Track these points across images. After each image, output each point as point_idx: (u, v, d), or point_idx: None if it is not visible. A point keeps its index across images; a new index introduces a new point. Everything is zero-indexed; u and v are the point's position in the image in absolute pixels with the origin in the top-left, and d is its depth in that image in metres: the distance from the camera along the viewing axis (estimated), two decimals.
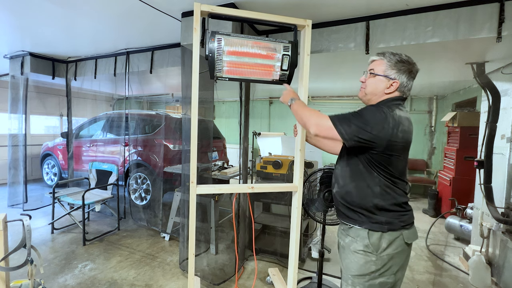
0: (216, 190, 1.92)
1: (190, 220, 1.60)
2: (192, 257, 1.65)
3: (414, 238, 1.21)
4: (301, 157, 1.75)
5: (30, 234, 1.60)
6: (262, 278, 2.46)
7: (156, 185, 3.86)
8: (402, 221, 1.18)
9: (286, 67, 1.60)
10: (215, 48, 1.50)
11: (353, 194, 1.23)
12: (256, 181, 2.95)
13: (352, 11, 2.20)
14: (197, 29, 1.51)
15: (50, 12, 2.47)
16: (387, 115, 1.11)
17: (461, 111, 4.32)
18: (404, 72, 1.19)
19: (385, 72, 1.21)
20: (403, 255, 1.19)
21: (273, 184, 1.90)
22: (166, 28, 2.72)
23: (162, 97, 7.14)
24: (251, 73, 1.62)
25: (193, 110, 1.56)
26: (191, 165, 1.57)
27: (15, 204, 4.22)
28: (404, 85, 1.20)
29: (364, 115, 1.13)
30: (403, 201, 1.20)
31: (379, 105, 1.20)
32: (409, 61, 1.20)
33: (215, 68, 1.55)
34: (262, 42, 1.57)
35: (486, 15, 1.89)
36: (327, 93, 6.37)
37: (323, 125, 1.16)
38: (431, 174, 5.85)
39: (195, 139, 1.56)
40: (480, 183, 2.54)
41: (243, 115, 2.47)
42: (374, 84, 1.24)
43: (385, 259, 1.16)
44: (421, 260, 2.90)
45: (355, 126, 1.11)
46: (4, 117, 5.09)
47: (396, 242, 1.16)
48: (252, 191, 1.73)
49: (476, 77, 2.72)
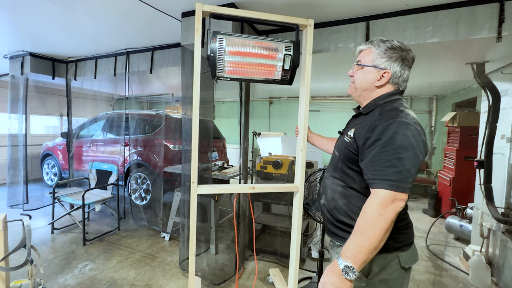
0: (217, 190, 1.92)
1: (191, 220, 1.60)
2: (192, 257, 1.65)
3: (413, 261, 1.03)
4: (302, 158, 1.74)
5: (30, 234, 1.60)
6: (262, 278, 2.46)
7: (156, 185, 3.86)
8: (398, 241, 0.99)
9: (288, 67, 1.60)
10: (217, 48, 1.50)
11: (341, 211, 1.07)
12: (256, 181, 2.95)
13: (352, 11, 2.20)
14: (199, 29, 1.50)
15: (50, 12, 2.47)
16: (414, 126, 0.93)
17: (461, 111, 4.32)
18: (396, 60, 1.02)
19: (373, 61, 1.04)
20: (401, 280, 1.01)
21: (274, 184, 1.90)
22: (166, 28, 2.72)
23: (162, 97, 7.15)
24: (253, 73, 1.61)
25: (194, 110, 1.56)
26: (192, 165, 1.57)
27: (14, 205, 4.21)
28: (398, 75, 1.03)
29: (398, 141, 0.89)
30: (402, 218, 1.02)
31: (384, 110, 0.99)
32: (402, 47, 1.03)
33: (217, 68, 1.55)
34: (263, 42, 1.56)
35: (486, 15, 1.89)
36: (327, 93, 6.37)
37: (389, 212, 0.85)
38: (431, 174, 5.85)
39: (196, 139, 1.56)
40: (480, 183, 2.53)
41: (243, 115, 2.47)
42: (362, 76, 1.08)
43: (377, 285, 0.98)
44: (421, 260, 2.90)
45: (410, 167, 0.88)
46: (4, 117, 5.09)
47: (391, 266, 0.98)
48: (253, 191, 1.73)
49: (476, 77, 2.72)
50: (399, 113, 0.95)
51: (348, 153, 1.05)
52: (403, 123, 0.91)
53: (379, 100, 1.05)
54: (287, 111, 7.10)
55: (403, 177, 0.87)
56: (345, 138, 1.09)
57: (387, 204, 0.85)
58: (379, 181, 0.89)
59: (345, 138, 1.10)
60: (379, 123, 0.94)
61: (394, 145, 0.88)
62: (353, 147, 1.02)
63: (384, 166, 0.88)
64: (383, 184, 0.87)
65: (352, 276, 0.84)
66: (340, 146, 1.12)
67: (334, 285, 0.85)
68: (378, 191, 0.88)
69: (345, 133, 1.14)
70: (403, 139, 0.89)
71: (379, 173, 0.89)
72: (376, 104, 1.05)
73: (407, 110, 0.97)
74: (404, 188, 0.87)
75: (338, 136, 1.26)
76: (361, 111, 1.11)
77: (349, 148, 1.04)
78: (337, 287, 0.85)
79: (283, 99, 7.11)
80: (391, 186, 0.86)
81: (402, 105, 1.01)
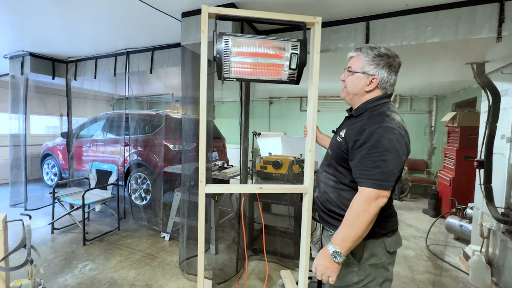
0: (224, 190, 1.91)
1: (199, 219, 1.60)
2: (201, 255, 1.65)
3: (397, 246, 1.14)
4: (311, 158, 1.69)
5: (30, 234, 1.60)
6: (262, 278, 2.46)
7: (157, 185, 3.86)
8: (384, 228, 1.11)
9: (295, 66, 1.57)
10: (223, 49, 1.49)
11: (333, 203, 1.18)
12: (256, 181, 2.95)
13: (352, 11, 2.20)
14: (205, 31, 1.50)
15: (50, 12, 2.47)
16: (398, 130, 1.01)
17: (461, 111, 4.32)
18: (383, 66, 1.11)
19: (362, 68, 1.13)
20: (387, 265, 1.12)
21: (282, 185, 1.85)
22: (166, 28, 2.72)
23: (162, 97, 7.16)
24: (259, 73, 1.60)
25: (201, 112, 1.56)
26: (200, 164, 1.58)
27: (16, 204, 4.23)
28: (385, 80, 1.12)
29: (383, 144, 0.99)
30: (387, 209, 1.12)
31: (373, 115, 1.08)
32: (389, 54, 1.11)
33: (223, 69, 1.54)
34: (269, 42, 1.55)
35: (486, 15, 1.89)
36: (327, 93, 6.37)
37: (373, 208, 0.98)
38: (431, 174, 5.85)
39: (204, 139, 1.57)
40: (480, 183, 2.54)
41: (243, 115, 2.47)
42: (353, 82, 1.17)
43: (368, 269, 1.10)
44: (421, 260, 2.90)
45: (392, 168, 0.99)
46: (5, 117, 5.09)
47: (379, 251, 1.10)
48: (261, 192, 1.71)
49: (476, 77, 2.72)
50: (386, 117, 1.04)
51: (339, 152, 1.15)
52: (388, 127, 1.01)
53: (369, 104, 1.14)
54: (287, 111, 7.10)
55: (386, 177, 0.99)
56: (337, 138, 1.19)
57: (371, 201, 0.98)
58: (365, 180, 1.01)
59: (337, 138, 1.20)
60: (367, 127, 1.04)
61: (380, 148, 0.99)
62: (344, 147, 1.13)
63: (370, 167, 1.00)
64: (368, 183, 1.00)
65: (339, 259, 1.00)
66: (333, 146, 1.23)
67: (325, 265, 1.02)
68: (364, 189, 1.01)
69: (337, 133, 1.24)
70: (388, 143, 0.99)
71: (365, 173, 1.01)
72: (366, 107, 1.14)
73: (393, 115, 1.06)
74: (387, 186, 0.99)
75: (333, 136, 1.34)
76: (352, 113, 1.21)
77: (341, 148, 1.14)
78: (327, 267, 1.02)
79: (283, 99, 7.12)
80: (375, 185, 0.99)
81: (389, 109, 1.10)
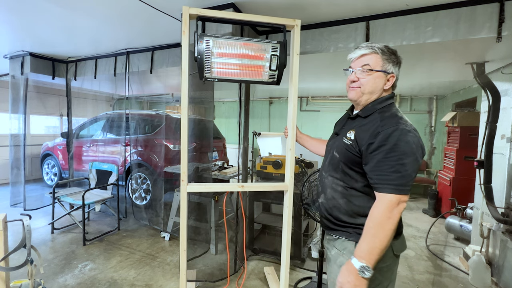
0: (206, 188, 1.92)
1: (182, 218, 1.66)
2: (183, 253, 1.69)
3: (403, 249, 1.09)
4: (291, 157, 1.77)
5: (30, 234, 1.60)
6: (262, 278, 2.46)
7: (157, 185, 3.86)
8: None
9: (275, 67, 1.62)
10: (204, 49, 1.52)
11: (342, 210, 1.10)
12: (256, 181, 2.95)
13: (352, 11, 2.20)
14: (186, 32, 1.54)
15: (50, 12, 2.47)
16: (413, 132, 0.99)
17: (461, 111, 4.32)
18: (397, 64, 1.10)
19: (383, 66, 1.08)
20: (392, 268, 1.07)
21: (263, 184, 1.91)
22: (166, 28, 2.72)
23: (162, 97, 7.15)
24: (241, 73, 1.63)
25: (183, 111, 1.60)
26: (182, 164, 1.61)
27: (17, 203, 4.24)
28: (397, 78, 1.11)
29: (401, 147, 0.95)
30: None
31: (385, 117, 1.03)
32: (396, 51, 1.11)
33: (204, 69, 1.57)
34: (251, 43, 1.58)
35: (486, 15, 1.89)
36: (327, 93, 6.36)
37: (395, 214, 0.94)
38: (431, 174, 5.85)
39: (185, 137, 1.60)
40: (480, 183, 2.53)
41: (243, 115, 2.47)
42: (373, 81, 1.08)
43: (374, 274, 1.01)
44: (421, 260, 2.90)
45: (411, 171, 0.95)
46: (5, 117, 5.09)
47: (386, 255, 1.02)
48: (242, 190, 1.75)
49: (476, 77, 2.72)
50: (399, 120, 1.01)
51: (349, 155, 1.08)
52: (405, 130, 0.97)
53: (377, 104, 1.09)
54: (287, 111, 7.08)
55: (405, 181, 0.95)
56: (345, 140, 1.11)
57: (393, 207, 0.94)
58: (384, 186, 0.96)
59: (344, 140, 1.11)
60: (382, 130, 0.99)
61: (398, 152, 0.95)
62: (356, 150, 1.06)
63: (389, 171, 0.95)
64: (388, 188, 0.95)
65: (368, 274, 0.92)
66: (340, 148, 1.13)
67: (352, 283, 0.93)
68: (385, 196, 0.96)
69: (342, 135, 1.15)
70: (405, 146, 0.95)
71: (384, 177, 0.96)
72: (375, 108, 1.09)
73: (404, 117, 1.04)
74: (406, 191, 0.95)
75: (332, 137, 1.29)
76: (359, 114, 1.14)
77: (351, 151, 1.07)
78: (355, 285, 0.93)
79: (283, 99, 7.12)
80: (396, 190, 0.94)
81: (398, 111, 1.08)
